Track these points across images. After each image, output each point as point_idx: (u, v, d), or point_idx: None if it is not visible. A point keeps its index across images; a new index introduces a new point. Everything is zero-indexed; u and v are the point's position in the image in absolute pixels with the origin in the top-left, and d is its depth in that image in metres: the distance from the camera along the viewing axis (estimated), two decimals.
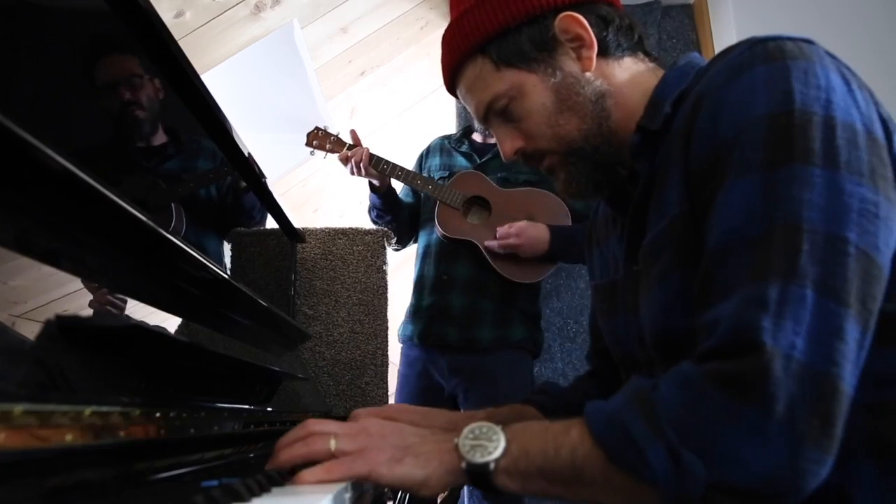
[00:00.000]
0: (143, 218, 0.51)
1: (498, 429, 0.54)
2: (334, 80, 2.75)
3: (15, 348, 0.39)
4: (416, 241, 1.80)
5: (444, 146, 1.85)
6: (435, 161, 1.81)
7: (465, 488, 1.83)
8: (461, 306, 1.62)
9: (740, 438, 0.44)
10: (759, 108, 0.52)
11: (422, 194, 1.78)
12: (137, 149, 0.73)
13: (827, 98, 0.51)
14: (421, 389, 1.65)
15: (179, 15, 1.84)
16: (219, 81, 2.18)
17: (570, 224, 1.65)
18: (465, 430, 0.54)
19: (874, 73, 0.57)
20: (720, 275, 0.51)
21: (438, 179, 1.72)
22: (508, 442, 0.53)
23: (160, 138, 0.79)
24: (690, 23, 2.38)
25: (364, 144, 1.66)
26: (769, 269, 0.47)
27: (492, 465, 0.52)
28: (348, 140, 1.68)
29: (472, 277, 1.64)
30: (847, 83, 0.53)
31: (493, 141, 1.77)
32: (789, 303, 0.46)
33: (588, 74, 0.68)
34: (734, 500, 0.45)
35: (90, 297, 0.49)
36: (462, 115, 2.39)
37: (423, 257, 1.72)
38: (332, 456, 0.55)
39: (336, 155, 1.66)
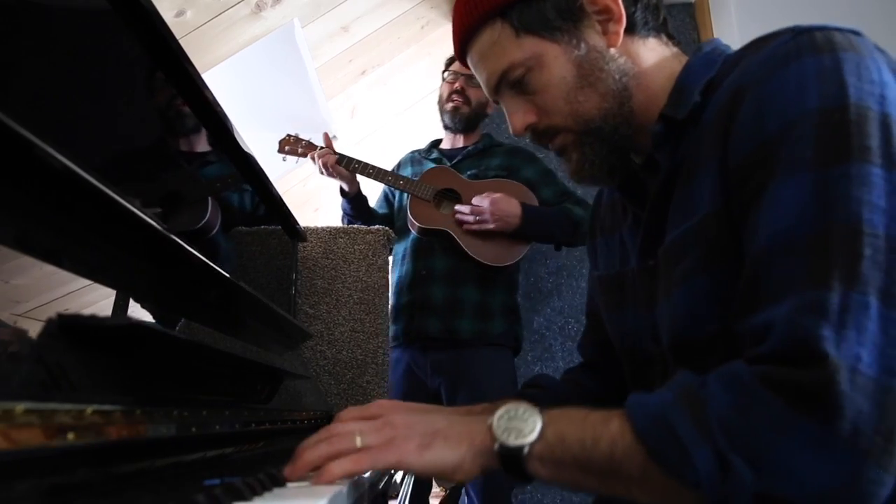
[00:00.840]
0: (144, 217, 0.51)
1: (535, 410, 0.51)
2: (335, 80, 2.75)
3: (16, 347, 0.39)
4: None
5: (414, 157, 1.92)
6: (406, 172, 1.87)
7: (466, 488, 1.83)
8: (442, 297, 1.67)
9: (798, 450, 0.41)
10: (810, 102, 0.49)
11: (396, 205, 1.85)
12: (180, 150, 0.74)
13: (882, 94, 0.48)
14: (405, 390, 1.69)
15: (180, 14, 1.84)
16: (219, 80, 2.18)
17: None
18: (500, 411, 0.52)
19: None
20: (770, 277, 0.48)
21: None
22: (545, 426, 0.50)
23: (203, 145, 0.80)
24: (692, 22, 2.38)
25: (365, 143, 1.70)
26: (828, 273, 0.44)
27: (526, 450, 0.50)
28: (321, 143, 1.73)
29: (450, 269, 1.69)
30: None
31: (460, 145, 1.87)
32: (851, 311, 0.43)
33: (613, 51, 0.64)
34: None
35: (91, 295, 0.49)
36: None
37: (401, 260, 1.78)
38: (358, 451, 0.53)
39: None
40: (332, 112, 2.95)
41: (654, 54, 0.66)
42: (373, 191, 1.91)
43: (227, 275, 0.69)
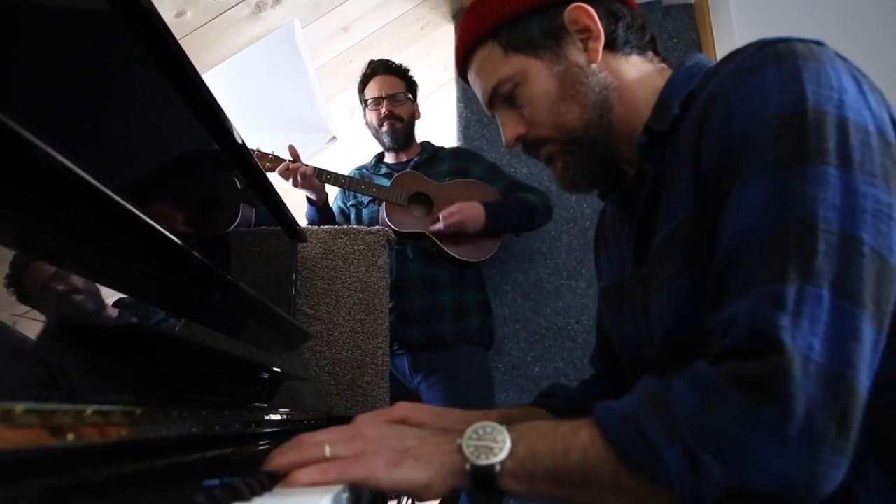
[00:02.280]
0: (144, 217, 0.51)
1: (503, 428, 0.52)
2: (335, 80, 2.75)
3: (16, 347, 0.39)
4: None
5: (363, 174, 1.99)
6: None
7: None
8: (421, 306, 1.77)
9: (759, 441, 0.43)
10: (772, 108, 0.52)
11: (352, 215, 1.93)
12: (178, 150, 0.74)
13: (840, 99, 0.51)
14: (394, 396, 1.69)
15: (180, 14, 1.84)
16: (219, 81, 2.18)
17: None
18: (469, 431, 0.53)
19: (874, 74, 0.57)
20: (734, 274, 0.50)
21: (374, 189, 1.84)
22: (514, 442, 0.51)
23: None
24: (691, 22, 2.38)
25: (365, 143, 1.73)
26: (785, 268, 0.46)
27: (497, 467, 0.50)
28: (286, 157, 1.77)
29: (425, 277, 1.79)
30: (859, 85, 0.53)
31: (405, 159, 1.96)
32: (806, 302, 0.45)
33: (593, 66, 0.69)
34: (751, 503, 0.44)
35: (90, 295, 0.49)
36: (462, 115, 2.39)
37: None
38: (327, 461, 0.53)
39: (276, 171, 1.73)
40: (332, 113, 2.95)
41: (636, 70, 0.71)
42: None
43: (228, 275, 0.69)
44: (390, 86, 1.92)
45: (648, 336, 0.69)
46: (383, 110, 1.89)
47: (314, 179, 1.74)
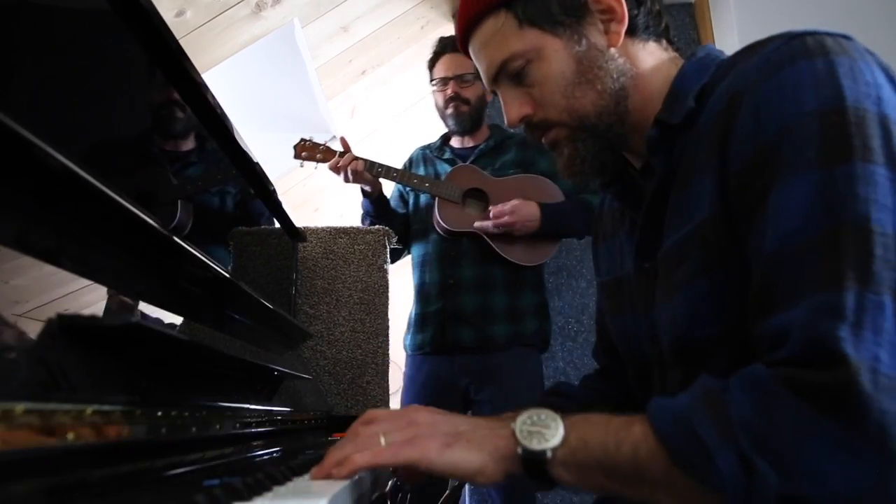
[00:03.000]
0: (144, 216, 0.51)
1: (557, 416, 0.52)
2: (335, 80, 2.75)
3: (16, 347, 0.39)
4: (408, 253, 1.82)
5: (426, 156, 1.88)
6: (419, 171, 1.83)
7: (467, 487, 1.83)
8: (473, 306, 1.64)
9: (823, 452, 0.41)
10: (808, 105, 0.49)
11: (410, 205, 1.82)
12: (163, 149, 0.73)
13: (878, 95, 0.49)
14: (431, 393, 1.64)
15: (180, 14, 1.84)
16: (219, 80, 2.18)
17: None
18: (523, 416, 0.52)
19: None
20: (783, 279, 0.47)
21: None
22: (567, 431, 0.50)
23: (189, 144, 0.79)
24: (691, 21, 2.38)
25: (365, 143, 1.68)
26: (842, 274, 0.44)
27: (549, 454, 0.49)
28: (338, 147, 1.68)
29: (478, 276, 1.66)
30: (891, 80, 0.51)
31: (471, 144, 1.83)
32: (867, 311, 0.43)
33: (613, 50, 0.65)
34: None
35: (91, 295, 0.49)
36: None
37: (422, 265, 1.73)
38: None
39: (327, 164, 1.66)
40: (332, 112, 2.95)
41: (652, 58, 0.68)
42: (386, 187, 1.88)
43: (228, 275, 0.69)
44: (459, 65, 1.74)
45: (650, 333, 0.68)
46: (449, 91, 1.74)
47: (365, 174, 1.64)
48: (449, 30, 2.74)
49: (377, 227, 1.51)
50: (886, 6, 1.99)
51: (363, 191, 1.71)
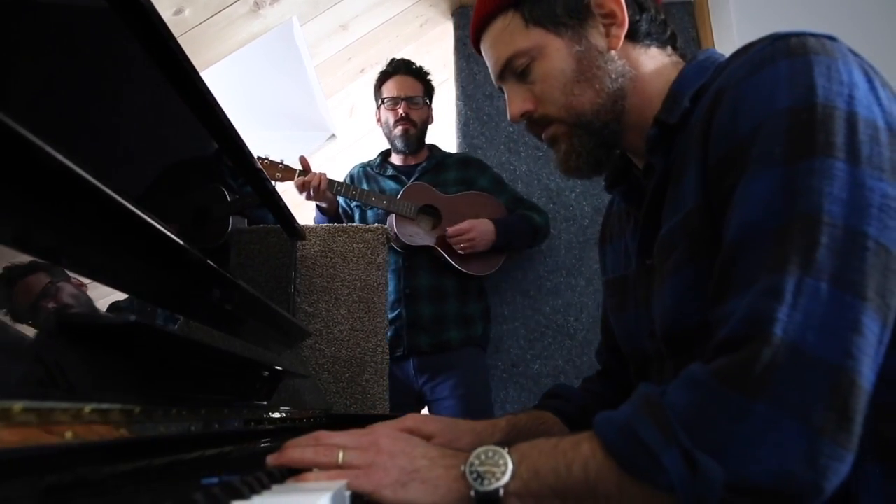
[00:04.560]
0: (144, 216, 0.51)
1: (504, 451, 0.52)
2: (334, 78, 2.75)
3: (15, 346, 0.39)
4: None
5: (367, 173, 1.99)
6: (363, 188, 1.91)
7: None
8: (430, 314, 1.80)
9: (755, 434, 0.43)
10: (781, 102, 0.51)
11: (356, 215, 1.94)
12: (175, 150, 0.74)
13: (850, 94, 0.50)
14: (389, 396, 1.69)
15: (179, 12, 1.83)
16: (218, 79, 2.17)
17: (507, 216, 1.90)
18: (472, 456, 0.53)
19: None
20: (738, 268, 0.50)
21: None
22: (517, 464, 0.51)
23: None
24: (691, 20, 2.38)
25: (363, 142, 1.72)
26: (786, 260, 0.46)
27: (501, 492, 0.50)
28: (297, 166, 1.76)
29: (432, 286, 1.83)
30: (870, 80, 0.53)
31: (413, 162, 1.96)
32: (804, 295, 0.45)
33: (613, 53, 0.69)
34: (754, 501, 0.43)
35: (90, 295, 0.49)
36: (462, 113, 2.39)
37: None
38: (338, 467, 0.54)
39: (290, 182, 1.73)
40: (331, 110, 2.94)
41: (654, 62, 0.70)
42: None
43: (227, 273, 0.69)
44: (409, 87, 1.90)
45: (650, 328, 0.69)
46: (400, 111, 1.88)
47: (327, 192, 1.75)
48: (448, 28, 2.74)
49: (376, 225, 1.52)
50: (886, 6, 1.99)
51: (320, 207, 1.83)
